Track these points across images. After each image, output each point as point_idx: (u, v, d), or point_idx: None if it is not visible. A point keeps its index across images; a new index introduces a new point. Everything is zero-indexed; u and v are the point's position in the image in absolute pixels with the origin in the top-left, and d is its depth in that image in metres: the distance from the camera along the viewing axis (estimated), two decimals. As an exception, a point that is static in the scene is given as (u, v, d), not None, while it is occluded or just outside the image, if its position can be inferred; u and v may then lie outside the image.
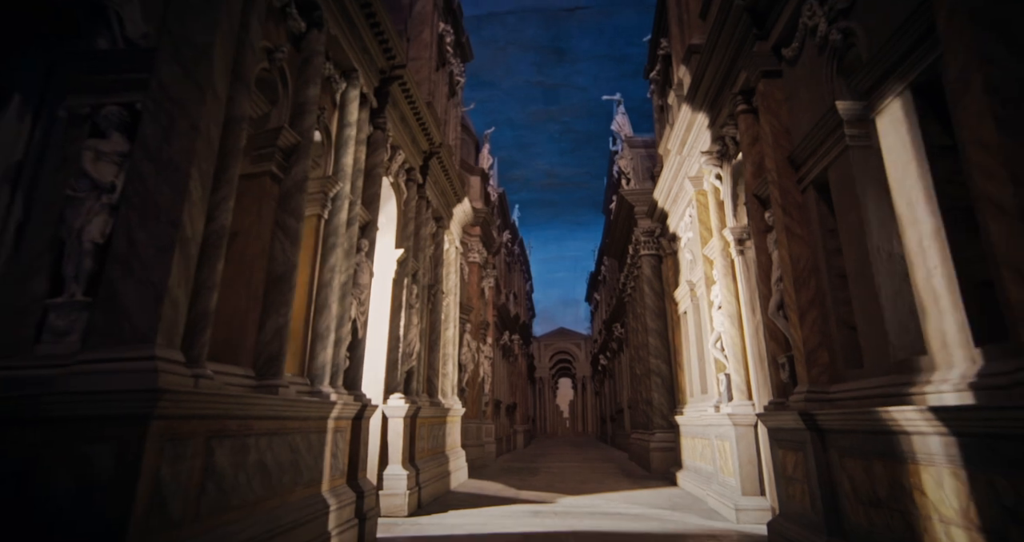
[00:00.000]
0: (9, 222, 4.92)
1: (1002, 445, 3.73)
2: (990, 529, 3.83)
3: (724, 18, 8.54)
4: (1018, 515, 3.59)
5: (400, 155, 11.08)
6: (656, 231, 17.49)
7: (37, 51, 5.46)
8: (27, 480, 3.76)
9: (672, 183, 14.11)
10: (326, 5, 7.30)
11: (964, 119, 4.21)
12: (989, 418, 3.80)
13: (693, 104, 10.82)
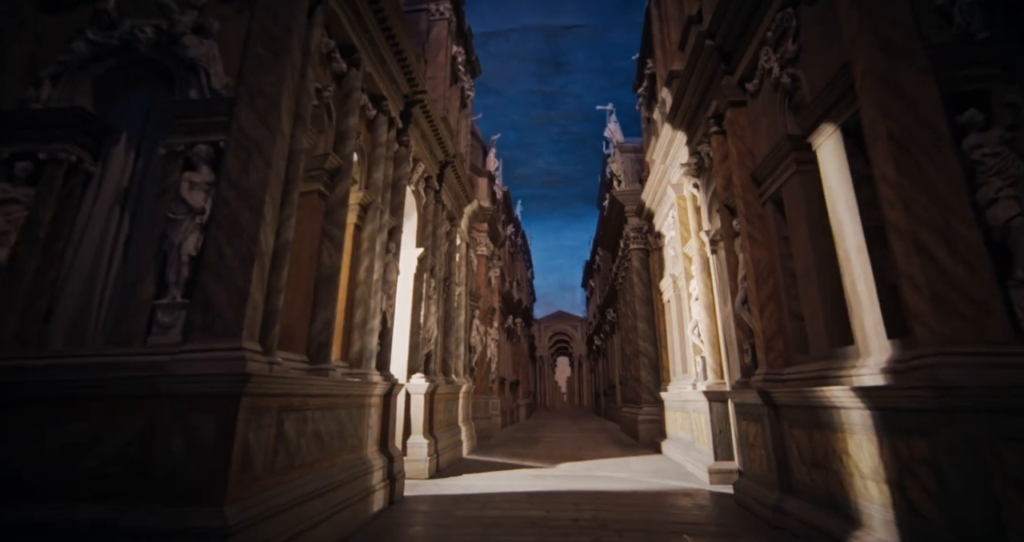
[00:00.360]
0: (119, 236, 5.56)
1: (900, 417, 4.33)
2: (893, 481, 4.40)
3: (698, 54, 8.81)
4: (912, 470, 4.20)
5: (420, 166, 11.43)
6: (644, 228, 17.68)
7: (139, 98, 6.02)
8: (150, 440, 4.38)
9: (657, 188, 14.35)
10: (363, 47, 7.76)
11: (875, 159, 4.78)
12: (892, 396, 4.37)
13: (674, 123, 11.07)
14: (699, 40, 8.61)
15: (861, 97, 4.92)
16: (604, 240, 25.91)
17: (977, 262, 4.12)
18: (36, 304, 5.22)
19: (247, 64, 5.62)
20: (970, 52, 4.67)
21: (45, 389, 4.65)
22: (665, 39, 13.46)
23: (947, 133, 4.47)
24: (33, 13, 6.17)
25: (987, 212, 4.24)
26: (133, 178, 5.80)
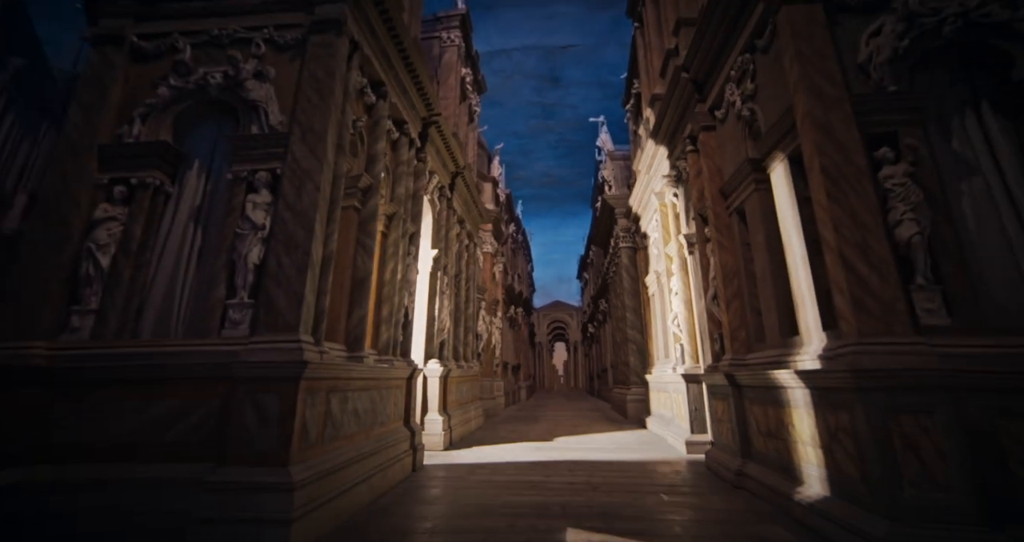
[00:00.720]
0: (194, 247, 6.17)
1: (830, 394, 4.93)
2: (825, 446, 4.99)
3: (675, 83, 9.20)
4: (837, 437, 4.81)
5: (435, 178, 11.89)
6: (632, 229, 18.06)
7: (209, 130, 6.60)
8: (226, 414, 5.01)
9: (643, 194, 14.81)
10: (389, 82, 8.30)
11: (811, 186, 5.38)
12: (824, 378, 4.97)
13: (656, 139, 11.44)
14: (676, 72, 9.07)
15: (801, 135, 5.52)
16: (597, 238, 26.21)
17: (886, 271, 4.74)
18: (131, 303, 5.83)
19: (299, 104, 6.21)
20: (883, 101, 5.28)
21: (144, 372, 5.28)
22: (649, 65, 13.84)
23: (866, 167, 5.09)
24: (125, 63, 6.72)
25: (895, 231, 4.87)
26: (204, 198, 6.37)
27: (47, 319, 5.56)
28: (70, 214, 5.93)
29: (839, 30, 5.71)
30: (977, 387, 4.24)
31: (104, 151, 6.27)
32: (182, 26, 6.86)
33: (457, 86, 15.81)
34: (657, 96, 11.90)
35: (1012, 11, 5.23)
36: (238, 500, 4.56)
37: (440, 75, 15.48)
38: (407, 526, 5.46)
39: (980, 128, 5.36)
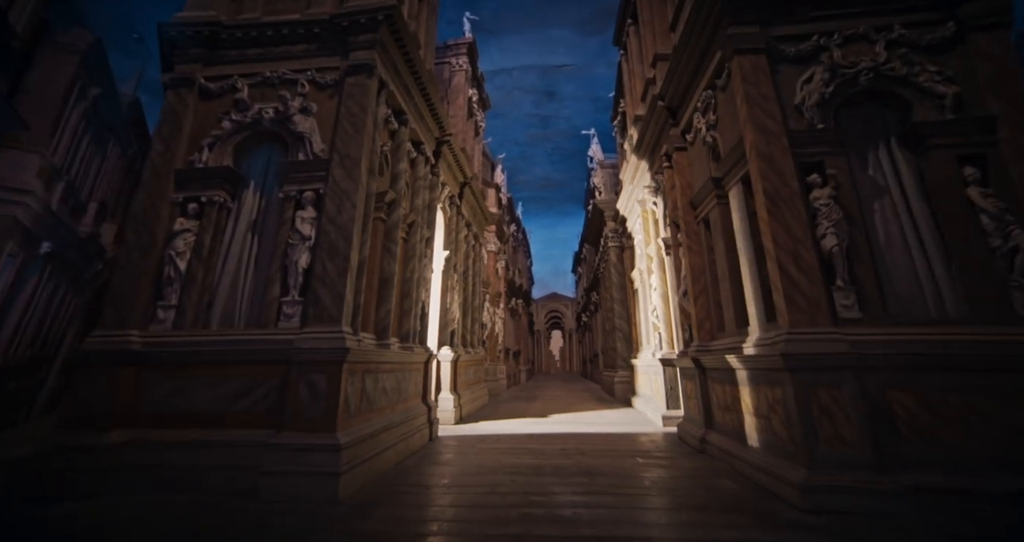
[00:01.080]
0: (252, 254, 6.85)
1: (768, 374, 5.62)
2: (764, 416, 5.70)
3: (653, 109, 9.83)
4: (773, 408, 5.49)
5: (447, 188, 12.52)
6: (619, 230, 18.61)
7: (262, 155, 7.24)
8: (283, 390, 5.73)
9: (627, 201, 15.37)
10: (410, 111, 8.93)
11: (757, 204, 6.08)
12: (764, 360, 5.67)
13: (638, 154, 12.06)
14: (654, 100, 9.71)
15: (749, 162, 6.22)
16: (589, 237, 26.73)
17: (813, 275, 5.46)
18: (203, 299, 6.55)
19: (337, 135, 6.90)
20: (813, 136, 6.00)
21: (216, 355, 6.01)
22: (632, 88, 14.46)
23: (799, 190, 5.80)
24: (195, 101, 7.39)
25: (820, 242, 5.60)
26: (259, 213, 7.05)
27: (139, 312, 6.30)
28: (155, 227, 6.66)
29: (779, 77, 6.41)
30: (874, 367, 4.98)
31: (180, 175, 6.98)
32: (241, 70, 7.53)
33: (465, 105, 16.49)
34: (639, 117, 12.48)
35: (909, 67, 5.98)
36: (297, 457, 5.30)
37: (450, 96, 16.14)
38: (427, 482, 6.18)
39: (890, 158, 6.05)
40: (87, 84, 11.03)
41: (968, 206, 5.51)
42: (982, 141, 5.70)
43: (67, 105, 10.37)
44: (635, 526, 4.40)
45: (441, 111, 10.35)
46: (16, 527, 4.46)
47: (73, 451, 5.49)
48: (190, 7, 7.89)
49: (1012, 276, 5.17)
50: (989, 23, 5.98)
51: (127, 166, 15.14)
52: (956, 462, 4.62)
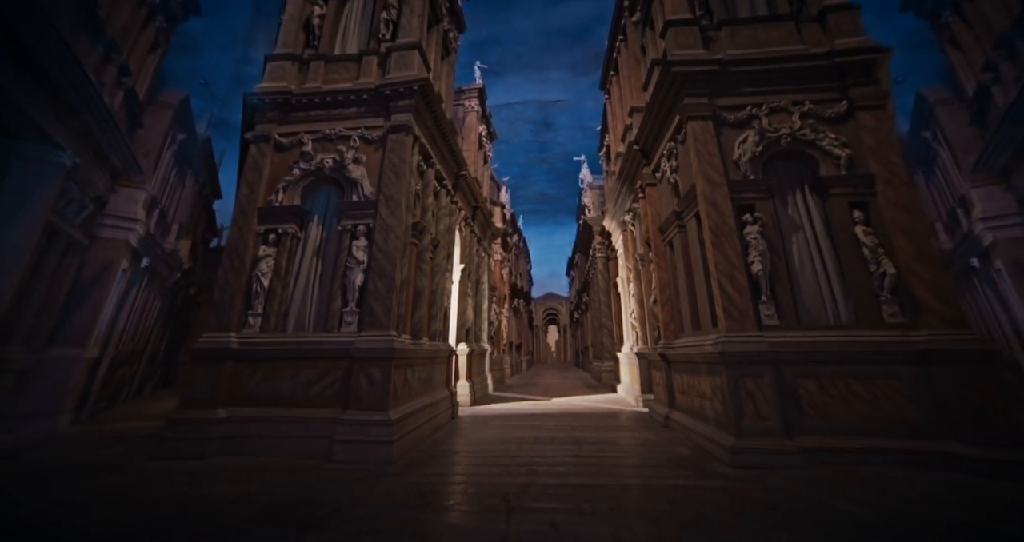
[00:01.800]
0: (317, 274, 7.76)
1: (712, 367, 6.50)
2: (709, 397, 6.60)
3: (630, 151, 10.71)
4: (715, 392, 6.38)
5: (462, 211, 13.36)
6: (605, 243, 19.39)
7: (323, 194, 8.05)
8: (347, 379, 6.68)
9: (612, 220, 15.97)
10: (435, 154, 9.81)
11: (703, 237, 7.04)
12: (707, 356, 6.55)
13: (619, 184, 12.78)
14: (630, 145, 10.63)
15: (699, 204, 7.14)
16: (580, 246, 27.57)
17: (744, 293, 6.40)
18: (281, 309, 7.48)
19: (383, 180, 7.82)
20: (746, 185, 6.95)
21: (293, 353, 6.93)
22: (614, 128, 15.30)
23: (735, 227, 6.73)
24: (271, 153, 8.29)
25: (750, 267, 6.54)
26: (322, 241, 7.94)
27: (235, 320, 7.24)
28: (243, 253, 7.60)
29: (722, 137, 7.36)
30: (786, 361, 5.93)
31: (261, 212, 7.90)
32: (306, 127, 8.46)
33: (476, 140, 17.44)
34: (620, 153, 13.37)
35: (816, 134, 6.99)
36: (360, 430, 6.25)
37: (463, 132, 17.09)
38: (453, 448, 7.12)
39: (804, 202, 7.01)
40: (176, 131, 12.04)
41: (855, 241, 6.47)
42: (866, 192, 6.67)
43: (163, 149, 11.37)
44: (610, 478, 5.35)
45: (458, 151, 11.28)
46: (152, 478, 5.41)
47: (190, 424, 6.45)
48: (267, 79, 8.84)
49: (882, 293, 6.15)
50: (871, 105, 6.95)
51: (198, 192, 16.15)
52: (837, 429, 5.59)
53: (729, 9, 8.64)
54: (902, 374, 5.65)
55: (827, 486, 4.74)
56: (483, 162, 19.39)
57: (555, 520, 3.99)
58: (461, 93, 17.76)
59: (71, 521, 4.02)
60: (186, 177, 13.93)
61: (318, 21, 9.65)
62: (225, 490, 4.85)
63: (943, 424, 5.37)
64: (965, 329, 5.71)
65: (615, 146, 15.19)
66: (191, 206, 15.52)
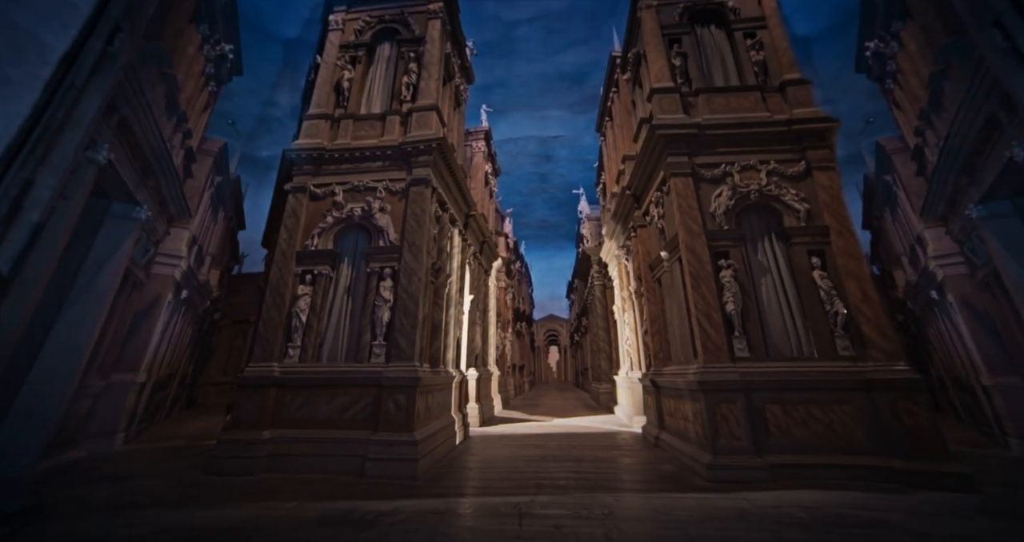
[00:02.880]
0: (348, 311, 8.60)
1: (694, 394, 7.23)
2: (691, 420, 7.47)
3: (623, 195, 11.52)
4: (696, 415, 7.12)
5: (471, 247, 14.19)
6: (602, 272, 20.18)
7: (351, 239, 8.92)
8: (377, 404, 7.43)
9: (607, 254, 16.89)
10: (449, 200, 10.74)
11: (685, 279, 7.92)
12: (689, 384, 7.32)
13: (614, 222, 13.61)
14: (623, 190, 11.53)
15: (681, 251, 8.01)
16: (579, 273, 28.45)
17: (719, 329, 7.24)
18: (316, 341, 8.30)
19: (406, 228, 8.71)
20: (722, 234, 7.83)
21: (328, 381, 7.71)
22: (609, 169, 16.29)
23: (712, 271, 7.59)
24: (307, 202, 9.17)
25: (725, 307, 7.38)
26: (352, 281, 8.77)
27: (277, 351, 8.07)
28: (284, 292, 8.46)
29: (700, 192, 8.27)
30: (756, 388, 6.72)
31: (299, 255, 8.76)
32: (337, 179, 9.38)
33: (483, 178, 18.45)
34: (614, 193, 14.35)
35: (780, 189, 7.91)
36: (390, 449, 7.02)
37: (471, 171, 18.11)
38: (469, 465, 7.89)
39: (771, 248, 7.88)
40: (215, 175, 13.05)
41: (814, 283, 7.34)
42: (821, 241, 7.56)
43: (204, 191, 12.36)
44: (605, 490, 6.13)
45: (468, 193, 12.24)
46: (215, 490, 6.19)
47: (239, 443, 7.24)
48: (303, 136, 9.83)
49: (836, 330, 7.00)
50: (824, 166, 7.90)
51: (226, 225, 17.12)
52: (799, 447, 6.36)
53: (706, 78, 9.67)
54: (852, 400, 6.47)
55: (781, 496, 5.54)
56: (489, 197, 20.39)
57: (559, 523, 4.79)
58: (469, 135, 18.83)
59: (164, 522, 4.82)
60: (218, 213, 14.89)
61: (347, 83, 10.68)
62: (280, 501, 5.65)
63: (885, 443, 6.17)
64: (901, 361, 6.54)
65: (610, 185, 16.15)
66: (220, 238, 16.47)
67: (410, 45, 11.16)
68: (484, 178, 18.85)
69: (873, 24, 11.56)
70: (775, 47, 9.51)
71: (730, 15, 10.24)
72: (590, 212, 25.02)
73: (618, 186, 13.99)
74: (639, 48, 11.57)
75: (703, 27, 10.54)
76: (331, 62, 10.99)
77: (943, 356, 11.87)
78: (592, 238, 23.41)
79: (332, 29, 11.58)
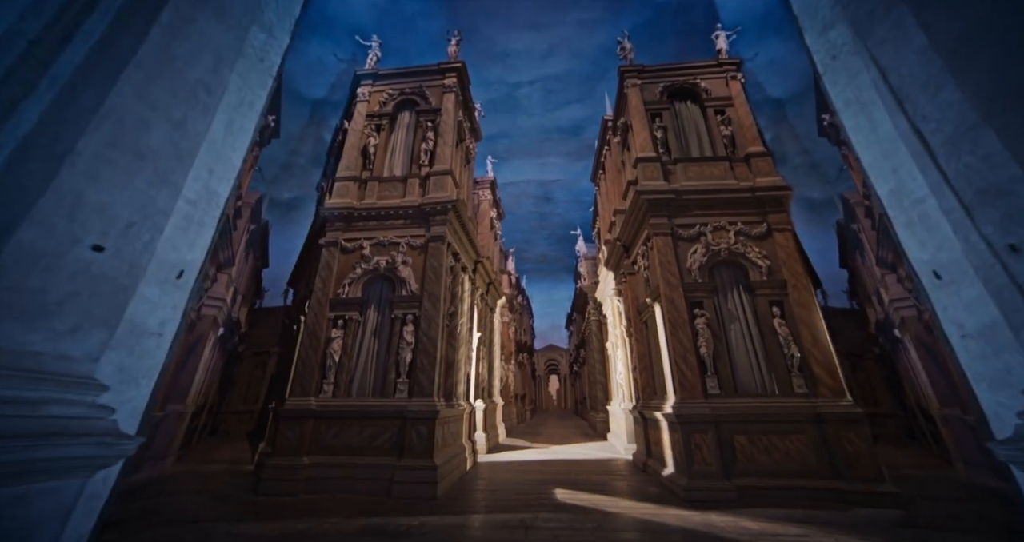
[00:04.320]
0: (374, 351, 9.62)
1: (672, 425, 8.26)
2: (669, 447, 8.35)
3: (614, 245, 12.59)
4: (674, 444, 8.13)
5: (478, 289, 15.22)
6: (598, 309, 21.07)
7: (377, 288, 10.09)
8: (401, 435, 8.38)
9: (602, 294, 18.05)
10: (461, 251, 11.86)
11: (663, 325, 8.96)
12: (669, 417, 8.31)
13: (607, 267, 14.69)
14: (614, 241, 12.70)
15: (661, 301, 9.07)
16: (576, 307, 29.46)
17: (694, 369, 8.22)
18: (347, 378, 9.23)
19: (425, 279, 9.78)
20: (697, 287, 8.88)
21: (359, 414, 8.65)
22: (603, 217, 17.47)
23: (688, 319, 8.62)
24: (339, 255, 10.24)
25: (699, 350, 8.39)
26: (378, 325, 9.77)
27: (313, 387, 9.02)
28: (319, 334, 9.47)
29: (679, 249, 9.36)
30: (725, 421, 7.66)
31: (332, 302, 9.79)
32: (365, 235, 10.47)
33: (488, 223, 19.63)
34: (607, 240, 15.46)
35: (745, 248, 8.99)
36: (413, 473, 7.91)
37: (478, 218, 19.27)
38: (480, 487, 8.74)
39: (739, 298, 8.91)
40: (251, 223, 14.24)
41: (774, 330, 8.36)
42: (780, 293, 8.60)
43: (242, 239, 13.52)
44: (597, 508, 7.03)
45: (477, 242, 13.38)
46: (267, 508, 7.08)
47: (283, 468, 8.15)
48: (335, 196, 10.97)
49: (793, 370, 7.98)
50: (782, 228, 9.02)
51: (254, 265, 18.25)
52: (762, 472, 7.27)
53: (683, 148, 10.91)
54: (805, 431, 7.41)
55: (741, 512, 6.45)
56: (494, 239, 21.56)
57: (557, 534, 5.70)
58: (477, 184, 20.09)
59: (237, 532, 5.74)
60: (249, 255, 16.05)
61: (373, 149, 11.92)
62: (324, 516, 6.56)
63: (831, 467, 7.09)
64: (845, 398, 7.52)
65: (604, 232, 17.31)
66: (248, 277, 17.57)
67: (427, 115, 12.46)
68: (490, 223, 20.04)
69: (824, 98, 12.88)
70: (741, 123, 10.78)
71: (703, 94, 11.55)
72: (587, 252, 26.17)
73: (610, 235, 15.10)
74: (627, 118, 12.85)
75: (681, 102, 11.86)
76: (359, 129, 12.26)
77: (909, 390, 12.78)
78: (588, 276, 24.47)
79: (360, 100, 12.91)
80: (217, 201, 3.77)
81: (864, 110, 3.62)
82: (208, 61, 3.64)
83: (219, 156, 3.72)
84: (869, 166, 3.73)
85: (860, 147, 3.77)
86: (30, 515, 2.09)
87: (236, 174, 3.79)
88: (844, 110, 3.88)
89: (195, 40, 3.46)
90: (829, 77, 4.05)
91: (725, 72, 11.86)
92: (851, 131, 3.84)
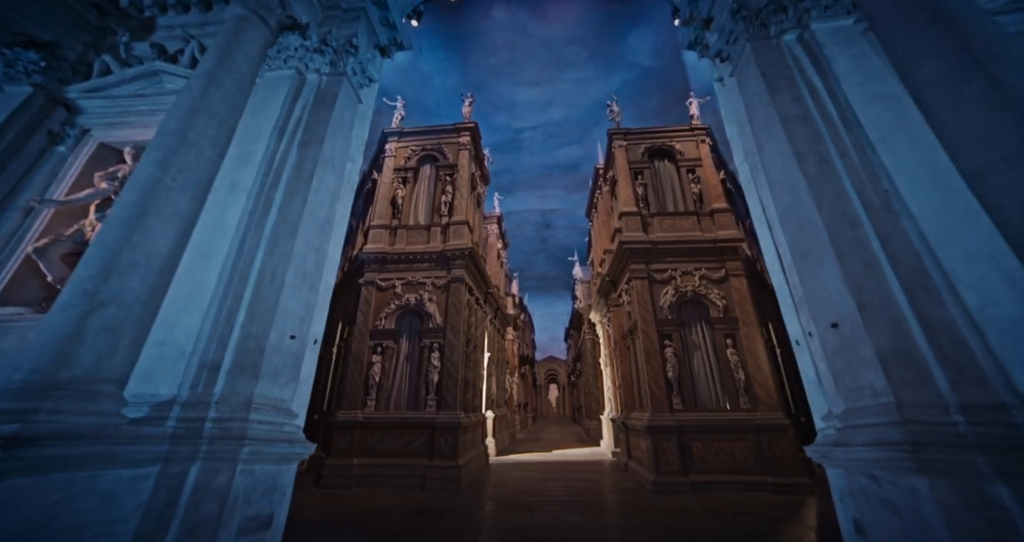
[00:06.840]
0: (407, 373, 11.31)
1: (645, 432, 9.91)
2: (644, 451, 10.00)
3: (603, 280, 14.32)
4: (649, 448, 9.78)
5: (488, 315, 17.04)
6: (593, 328, 22.75)
7: (408, 321, 11.86)
8: (431, 441, 10.05)
9: (594, 316, 19.91)
10: (475, 286, 13.58)
11: (639, 353, 10.65)
12: (643, 427, 10.03)
13: (598, 295, 16.37)
14: (603, 276, 14.43)
15: (639, 333, 10.77)
16: (573, 324, 30.99)
17: (662, 389, 9.88)
18: (385, 395, 10.94)
19: (448, 313, 11.50)
20: (667, 322, 10.60)
21: (396, 424, 10.32)
22: (596, 250, 19.29)
23: (659, 348, 10.28)
24: (375, 292, 12.08)
25: (667, 375, 10.06)
26: (409, 352, 11.45)
27: (359, 402, 10.69)
28: (362, 360, 11.16)
29: (653, 290, 11.04)
30: (686, 430, 9.30)
31: (371, 332, 11.48)
32: (397, 275, 12.18)
33: (496, 254, 21.37)
34: (599, 273, 17.19)
35: (707, 290, 10.66)
36: (441, 471, 9.55)
37: (486, 250, 20.96)
38: (492, 483, 10.34)
39: (701, 331, 10.56)
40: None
41: (727, 358, 10.03)
42: (734, 328, 10.27)
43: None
44: (585, 497, 8.66)
45: (487, 276, 15.09)
46: (336, 498, 8.73)
47: (338, 467, 9.79)
48: (371, 241, 12.70)
49: (740, 390, 9.63)
50: (737, 274, 10.71)
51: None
52: (713, 469, 8.89)
53: (660, 202, 12.68)
54: (747, 438, 9.07)
55: (694, 500, 8.11)
56: (500, 267, 23.23)
57: (555, 514, 7.37)
58: (485, 219, 21.81)
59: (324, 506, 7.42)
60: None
61: (400, 199, 13.72)
62: (377, 504, 8.23)
63: (765, 465, 8.74)
64: (778, 412, 9.19)
65: (596, 264, 19.02)
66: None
67: (445, 169, 14.25)
68: (497, 253, 21.79)
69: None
70: (708, 182, 12.55)
71: (678, 155, 13.35)
72: (582, 276, 27.82)
73: (601, 269, 16.84)
74: (614, 173, 14.61)
75: (660, 160, 13.65)
76: (388, 182, 14.06)
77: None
78: (584, 298, 26.12)
79: (387, 155, 14.70)
80: (328, 289, 5.54)
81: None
82: (327, 201, 5.44)
83: (333, 261, 5.51)
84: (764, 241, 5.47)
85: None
86: (284, 481, 3.84)
87: (337, 267, 5.56)
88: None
89: (323, 193, 5.26)
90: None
91: (696, 136, 13.66)
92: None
